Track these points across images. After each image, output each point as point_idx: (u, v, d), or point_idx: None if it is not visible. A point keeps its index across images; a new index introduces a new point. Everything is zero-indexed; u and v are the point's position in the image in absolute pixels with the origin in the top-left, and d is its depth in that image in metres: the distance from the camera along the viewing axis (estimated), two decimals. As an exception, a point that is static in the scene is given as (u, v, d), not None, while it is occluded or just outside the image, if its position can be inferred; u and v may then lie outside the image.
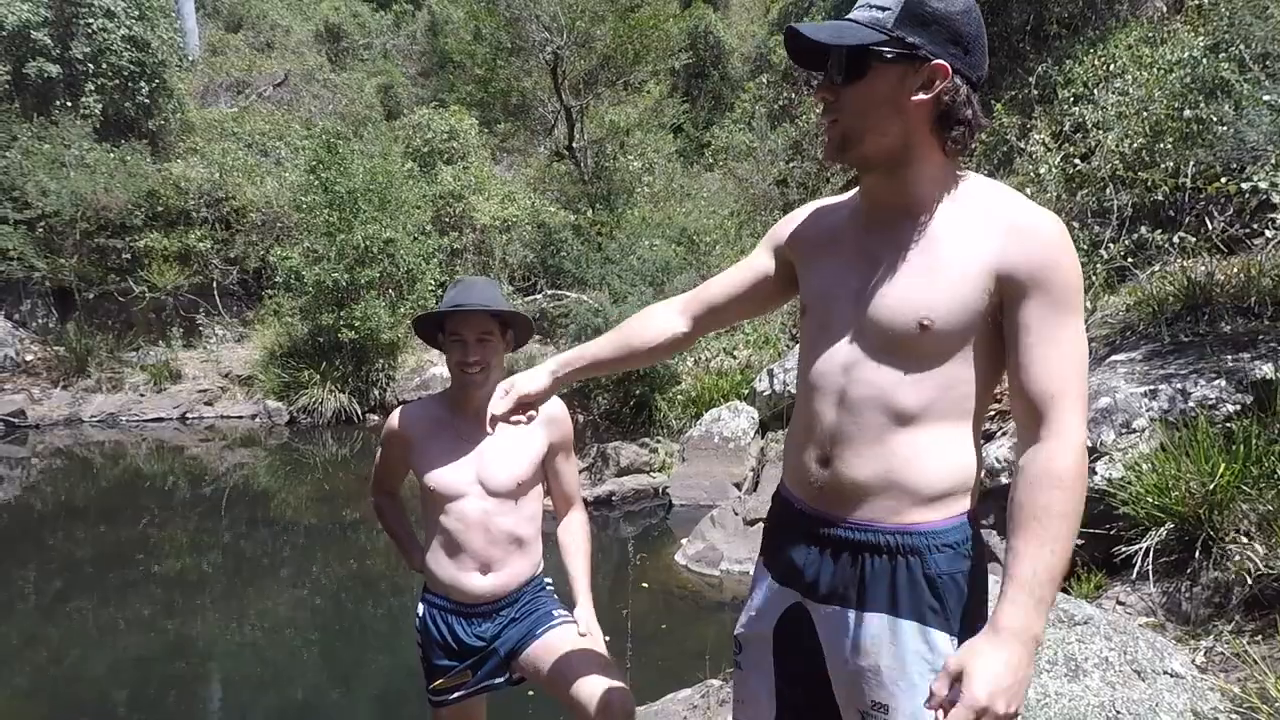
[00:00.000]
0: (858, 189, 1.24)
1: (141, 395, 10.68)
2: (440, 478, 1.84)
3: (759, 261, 1.37)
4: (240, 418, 10.43)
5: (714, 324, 1.46)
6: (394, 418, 1.94)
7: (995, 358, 1.12)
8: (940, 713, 1.00)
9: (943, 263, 1.09)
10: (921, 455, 1.13)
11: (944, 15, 1.06)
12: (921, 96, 1.07)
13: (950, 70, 1.06)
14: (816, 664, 1.22)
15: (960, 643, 1.11)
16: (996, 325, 1.10)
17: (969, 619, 1.14)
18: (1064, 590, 2.91)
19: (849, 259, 1.19)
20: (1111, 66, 7.50)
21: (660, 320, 1.44)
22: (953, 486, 1.14)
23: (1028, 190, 6.90)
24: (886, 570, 1.13)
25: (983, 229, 1.09)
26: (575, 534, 1.98)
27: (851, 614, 1.16)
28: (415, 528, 2.08)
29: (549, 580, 2.00)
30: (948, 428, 1.13)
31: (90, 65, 12.33)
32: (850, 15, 1.09)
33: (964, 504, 1.16)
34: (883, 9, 1.06)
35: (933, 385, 1.11)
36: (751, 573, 1.42)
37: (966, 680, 0.97)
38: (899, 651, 1.12)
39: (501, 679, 1.92)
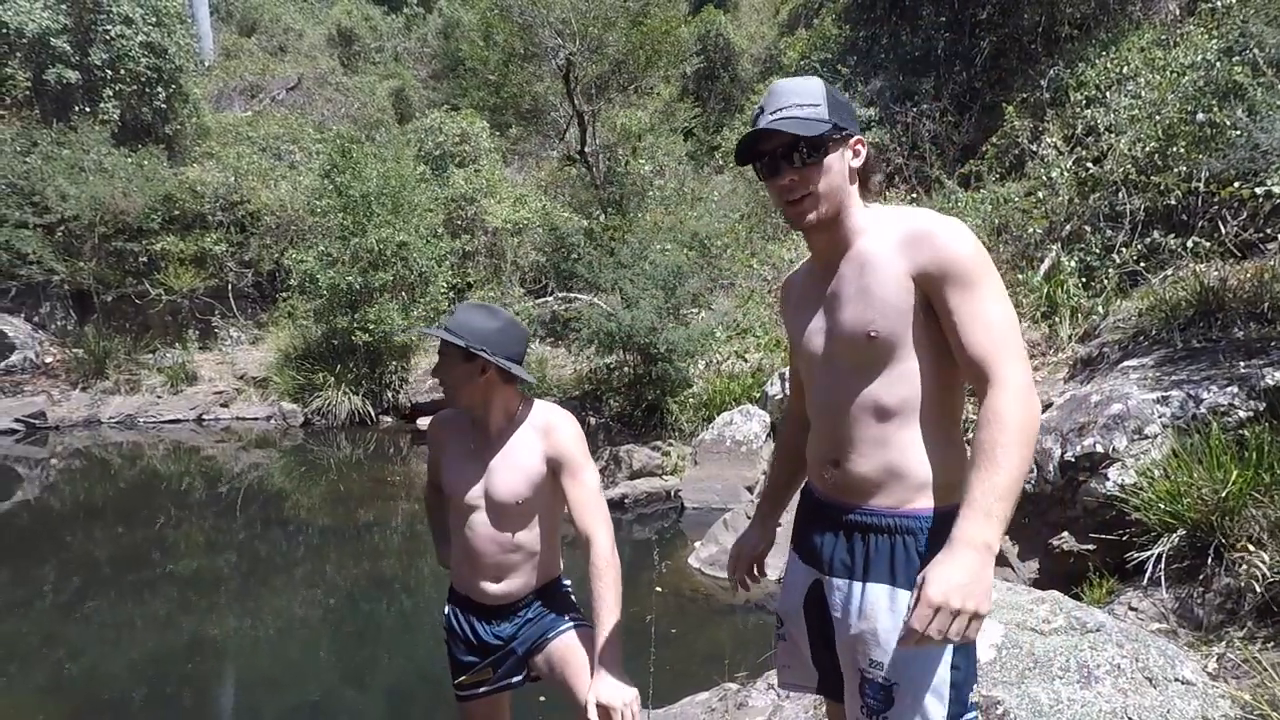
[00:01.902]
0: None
1: (158, 397, 10.82)
2: (454, 486, 1.91)
3: (789, 339, 1.67)
4: (255, 419, 10.55)
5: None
6: (432, 420, 2.06)
7: (941, 355, 1.33)
8: (912, 628, 1.15)
9: (872, 282, 1.34)
10: (911, 449, 1.34)
11: (845, 101, 1.40)
12: (855, 164, 1.38)
13: (863, 139, 1.38)
14: (832, 632, 1.43)
15: None
16: (929, 326, 1.32)
17: None
18: (1076, 597, 2.93)
19: (814, 306, 1.47)
20: (1124, 69, 7.48)
21: (785, 438, 1.76)
22: (940, 477, 1.35)
23: (1040, 193, 6.91)
24: (887, 548, 1.35)
25: (893, 245, 1.33)
26: (597, 581, 1.79)
27: (859, 584, 1.37)
28: None
29: (568, 581, 2.06)
30: (929, 425, 1.34)
31: (108, 71, 12.50)
32: (788, 115, 1.33)
33: (952, 495, 1.33)
34: (814, 105, 1.33)
35: (902, 383, 1.33)
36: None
37: (923, 586, 1.14)
38: (895, 616, 1.32)
39: (519, 677, 1.99)
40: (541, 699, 3.00)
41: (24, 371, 10.95)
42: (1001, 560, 3.68)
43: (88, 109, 12.34)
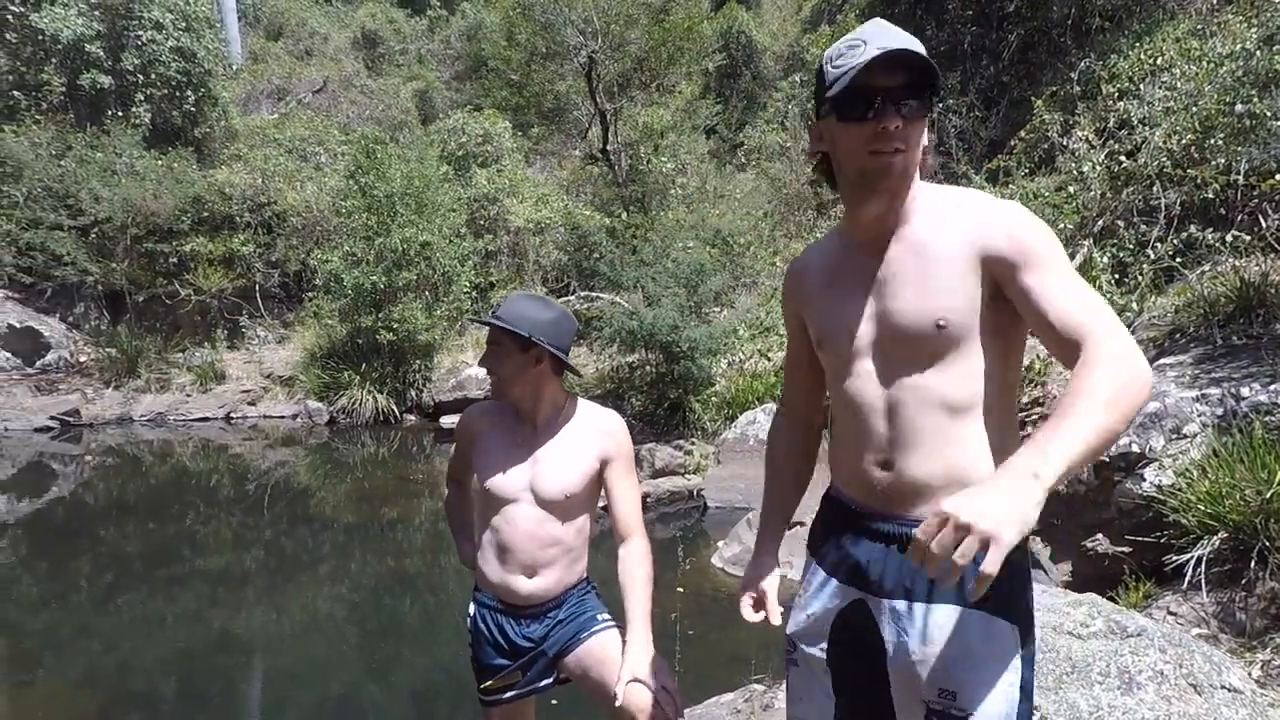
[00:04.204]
0: (833, 230, 1.41)
1: (188, 395, 11.00)
2: (493, 480, 1.85)
3: (791, 331, 1.52)
4: (282, 417, 10.68)
5: (814, 399, 1.56)
6: (465, 413, 2.01)
7: (1008, 348, 1.23)
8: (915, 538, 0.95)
9: (936, 269, 1.21)
10: (976, 448, 1.21)
11: None
12: (926, 140, 1.24)
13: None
14: (879, 661, 1.26)
15: (1018, 630, 1.20)
16: (997, 314, 1.20)
17: (1023, 608, 1.22)
18: (1113, 600, 2.85)
19: (852, 287, 1.30)
20: (1158, 60, 7.29)
21: (785, 443, 1.59)
22: None
23: (1071, 188, 6.76)
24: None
25: (956, 229, 1.21)
26: (634, 569, 1.82)
27: (921, 606, 1.22)
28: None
29: (595, 584, 2.02)
30: (993, 422, 1.22)
31: (140, 76, 12.73)
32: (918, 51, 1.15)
33: None
34: (928, 55, 1.16)
35: (969, 376, 1.21)
36: (793, 575, 1.46)
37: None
38: (967, 639, 1.18)
39: (549, 680, 1.94)
40: (554, 702, 2.98)
41: (59, 370, 11.19)
42: (1033, 562, 3.60)
43: (120, 113, 12.57)
